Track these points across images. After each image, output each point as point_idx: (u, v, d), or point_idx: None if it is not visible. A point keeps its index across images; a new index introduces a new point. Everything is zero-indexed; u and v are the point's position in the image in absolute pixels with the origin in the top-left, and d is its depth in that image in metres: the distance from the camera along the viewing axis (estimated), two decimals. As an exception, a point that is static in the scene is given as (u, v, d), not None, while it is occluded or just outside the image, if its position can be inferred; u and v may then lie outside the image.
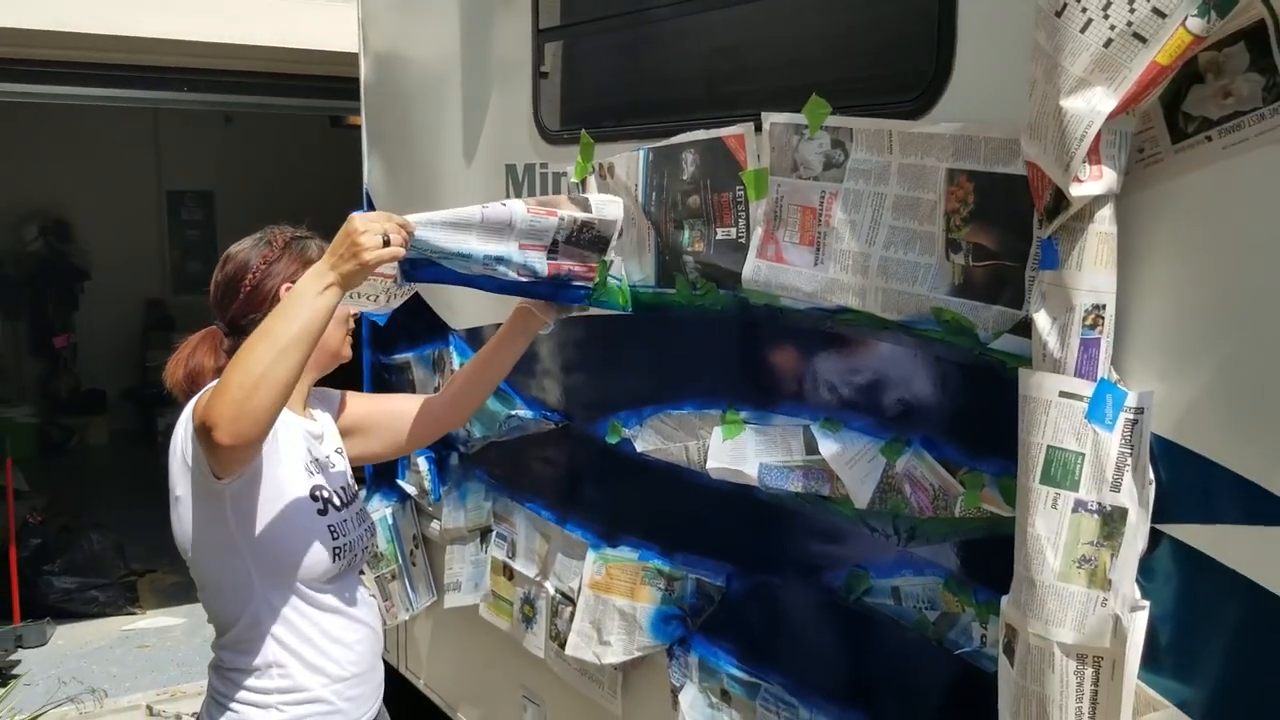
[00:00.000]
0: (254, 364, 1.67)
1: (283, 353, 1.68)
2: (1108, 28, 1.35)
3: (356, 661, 2.08)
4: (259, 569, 1.96)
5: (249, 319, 1.98)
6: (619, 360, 2.56)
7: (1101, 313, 1.45)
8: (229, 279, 2.06)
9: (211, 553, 1.97)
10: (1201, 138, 1.39)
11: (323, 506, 2.02)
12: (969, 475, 1.75)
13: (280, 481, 1.97)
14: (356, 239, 1.75)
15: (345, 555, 2.05)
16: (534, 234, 2.10)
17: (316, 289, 1.73)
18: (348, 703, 2.06)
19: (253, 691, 1.99)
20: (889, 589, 1.93)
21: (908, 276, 1.77)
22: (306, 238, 2.12)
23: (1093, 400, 1.45)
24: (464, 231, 2.01)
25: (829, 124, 1.88)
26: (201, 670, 5.24)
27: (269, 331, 1.71)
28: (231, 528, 1.93)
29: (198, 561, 2.00)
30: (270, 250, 2.07)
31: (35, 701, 4.27)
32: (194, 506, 1.94)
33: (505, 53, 2.87)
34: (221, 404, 1.66)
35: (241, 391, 1.66)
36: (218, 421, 1.66)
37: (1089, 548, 1.46)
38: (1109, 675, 1.47)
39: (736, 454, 2.15)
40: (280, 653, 1.99)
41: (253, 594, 1.97)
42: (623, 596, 2.50)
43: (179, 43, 4.89)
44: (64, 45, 4.88)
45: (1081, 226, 1.44)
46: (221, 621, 2.02)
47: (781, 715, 2.16)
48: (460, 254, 2.01)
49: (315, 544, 1.99)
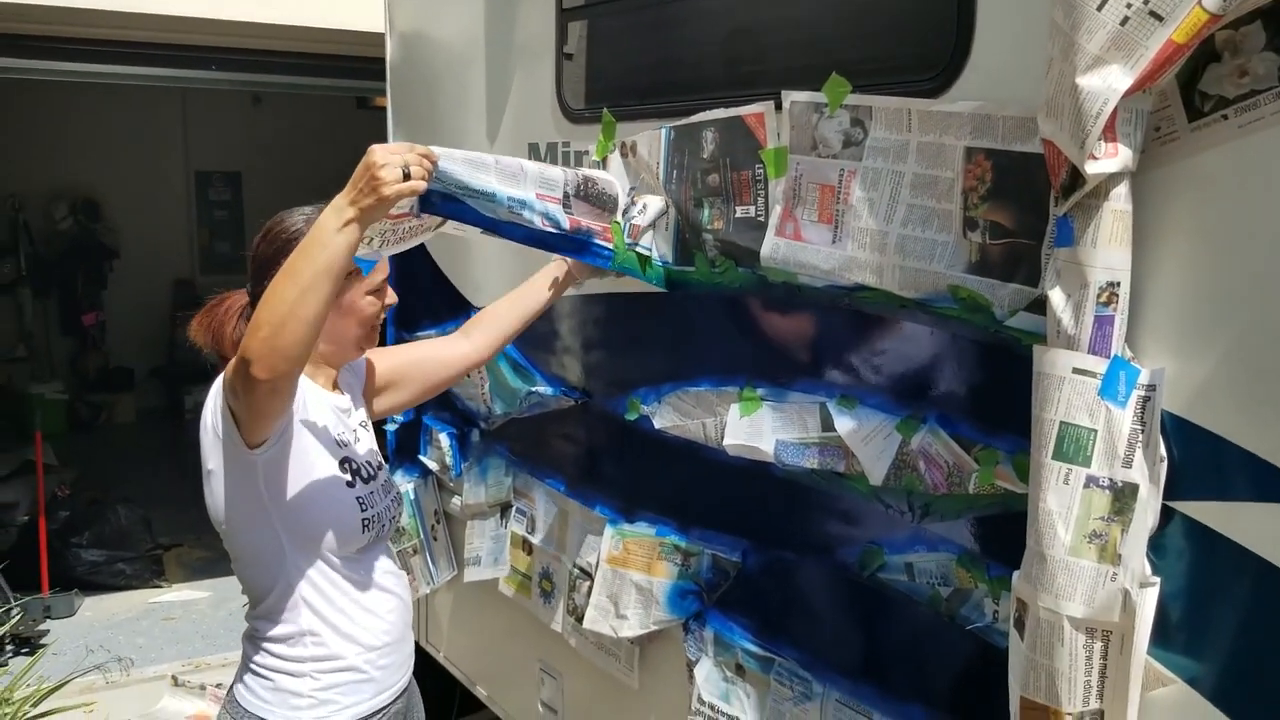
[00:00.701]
0: (279, 302, 1.70)
1: (306, 291, 1.70)
2: (1124, 5, 1.35)
3: (389, 631, 2.11)
4: (290, 539, 1.99)
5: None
6: (638, 337, 2.58)
7: (1116, 290, 1.45)
8: (275, 252, 2.00)
9: (244, 524, 2.00)
10: (1217, 116, 1.39)
11: (351, 479, 2.05)
12: (983, 452, 1.76)
13: (310, 454, 2.00)
14: (376, 172, 1.73)
15: (374, 526, 2.08)
16: (546, 183, 2.12)
17: (335, 225, 1.72)
18: (380, 671, 2.09)
19: (286, 660, 2.03)
20: (902, 565, 1.94)
21: (925, 254, 1.78)
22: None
23: (1106, 377, 1.46)
24: (484, 171, 2.01)
25: (848, 102, 1.89)
26: (225, 643, 5.36)
27: (292, 270, 1.73)
28: (264, 499, 1.96)
29: (231, 533, 2.03)
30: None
31: (63, 670, 4.34)
32: (226, 478, 1.97)
33: (529, 33, 2.88)
34: (255, 341, 1.70)
35: (270, 329, 1.70)
36: (252, 358, 1.70)
37: (1100, 523, 1.47)
38: (1118, 650, 1.48)
39: (753, 431, 2.17)
40: (313, 621, 2.02)
41: (284, 564, 2.00)
42: (640, 571, 2.53)
43: (207, 21, 4.93)
44: (93, 23, 4.93)
45: (1097, 204, 1.44)
46: (255, 592, 2.05)
47: (795, 690, 2.18)
48: (485, 193, 2.01)
49: (345, 515, 2.02)
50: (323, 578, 2.02)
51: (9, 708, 3.65)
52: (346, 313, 2.06)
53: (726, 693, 2.35)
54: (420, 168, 1.79)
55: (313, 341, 1.75)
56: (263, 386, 1.74)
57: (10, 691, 3.73)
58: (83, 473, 7.17)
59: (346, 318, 2.07)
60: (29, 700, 3.67)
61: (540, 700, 3.12)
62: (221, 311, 2.14)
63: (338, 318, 2.03)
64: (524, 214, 2.09)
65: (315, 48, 5.37)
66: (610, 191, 2.26)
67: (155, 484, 7.52)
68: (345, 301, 2.04)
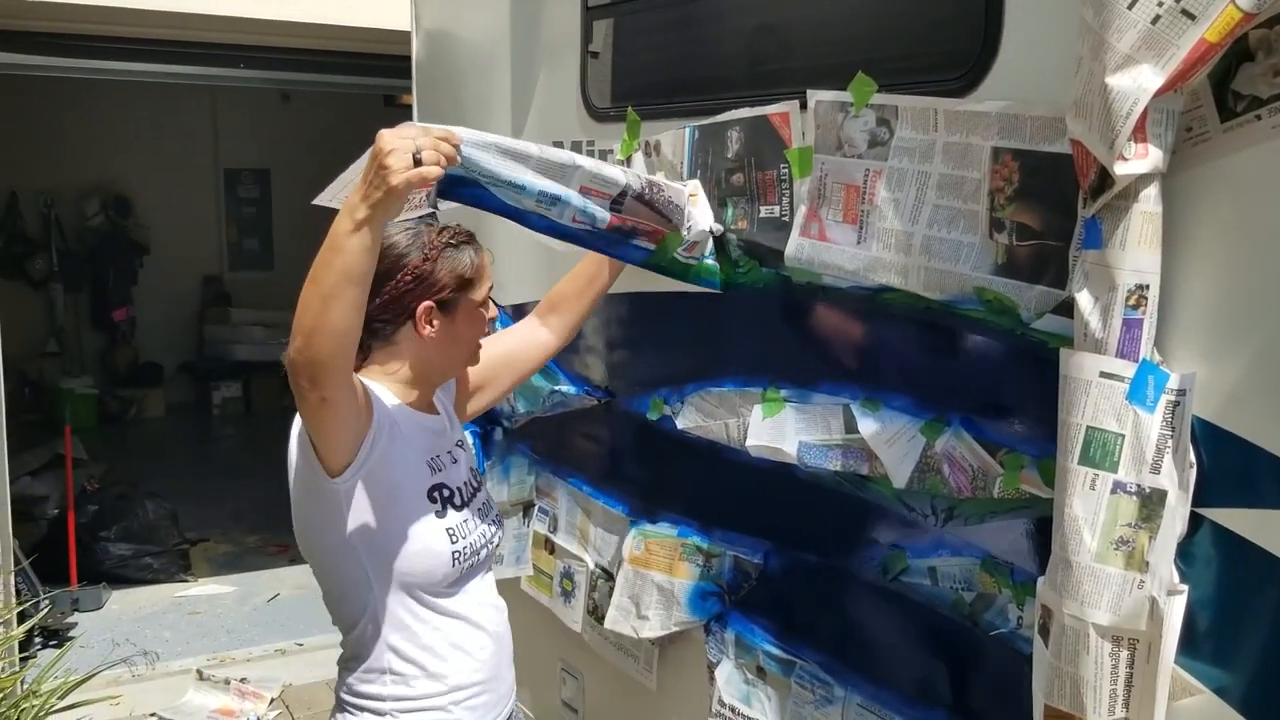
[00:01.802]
0: (305, 311, 1.63)
1: (329, 299, 1.61)
2: (1155, 4, 1.33)
3: (479, 669, 1.98)
4: (376, 574, 1.87)
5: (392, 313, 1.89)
6: (661, 337, 2.57)
7: (1145, 293, 1.43)
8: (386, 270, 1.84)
9: (329, 557, 1.90)
10: (1251, 116, 1.37)
11: (441, 507, 1.93)
12: (1008, 456, 1.74)
13: (396, 484, 1.88)
14: (383, 159, 1.58)
15: (465, 559, 1.94)
16: (600, 180, 2.04)
17: (348, 228, 1.60)
18: (468, 712, 1.97)
19: (368, 698, 1.93)
20: (926, 569, 1.93)
21: (951, 255, 1.76)
22: (465, 243, 1.95)
23: (1134, 381, 1.44)
24: (520, 162, 1.94)
25: (874, 102, 1.88)
26: (250, 637, 5.40)
27: (313, 277, 1.64)
28: (347, 531, 1.84)
29: (315, 564, 1.93)
30: (431, 250, 1.90)
31: (90, 663, 4.37)
32: (310, 508, 1.88)
33: (554, 31, 2.88)
34: (291, 350, 1.65)
35: (302, 338, 1.63)
36: (292, 368, 1.66)
37: (1127, 529, 1.44)
38: (1144, 658, 1.46)
39: (776, 432, 2.16)
40: (396, 660, 1.91)
41: (370, 598, 1.89)
42: (661, 572, 2.52)
43: (237, 20, 4.96)
44: (124, 21, 4.97)
45: (1126, 205, 1.42)
46: (341, 624, 1.96)
47: (817, 693, 2.17)
48: (512, 184, 1.94)
49: (432, 549, 1.89)
50: (409, 614, 1.90)
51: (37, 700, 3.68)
52: (460, 327, 1.95)
53: (747, 695, 2.34)
54: (435, 152, 1.63)
55: (351, 348, 1.68)
56: (311, 396, 1.68)
57: (38, 684, 3.76)
58: (112, 466, 7.24)
59: (459, 333, 1.95)
60: (56, 693, 3.69)
61: (561, 699, 3.12)
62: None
63: (449, 333, 1.93)
64: (552, 210, 2.02)
65: (343, 46, 5.40)
66: (678, 202, 2.17)
67: (183, 479, 7.59)
68: (458, 315, 1.93)
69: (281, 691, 4.73)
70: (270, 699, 4.66)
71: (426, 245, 1.90)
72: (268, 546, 6.45)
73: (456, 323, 1.94)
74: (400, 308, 1.90)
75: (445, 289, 1.91)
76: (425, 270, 1.89)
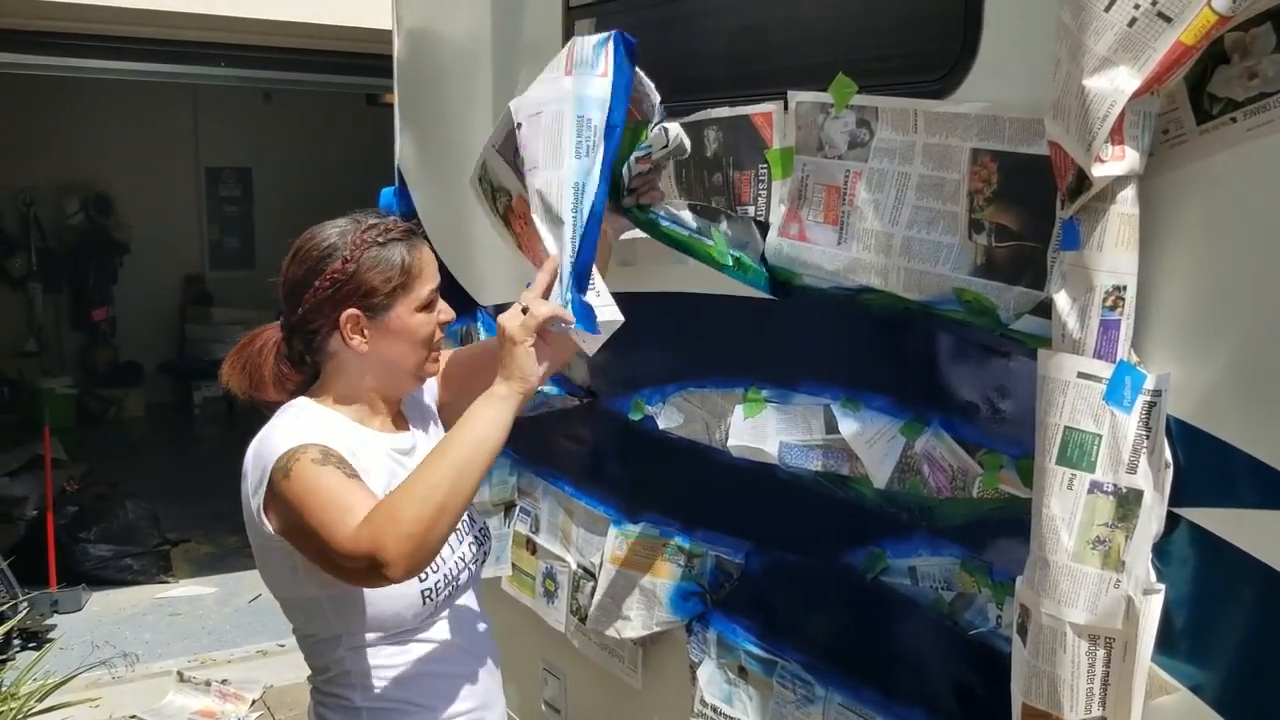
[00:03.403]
0: (433, 493, 1.55)
1: (463, 478, 1.57)
2: (1132, 6, 1.33)
3: (470, 695, 1.92)
4: (342, 625, 1.79)
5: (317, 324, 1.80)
6: (643, 337, 2.57)
7: (1122, 294, 1.44)
8: (307, 273, 1.79)
9: (291, 606, 1.84)
10: (1226, 119, 1.37)
11: None
12: (987, 456, 1.75)
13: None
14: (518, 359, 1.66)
15: (439, 593, 1.84)
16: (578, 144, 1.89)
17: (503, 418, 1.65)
18: None
19: None
20: (906, 569, 1.93)
21: (930, 256, 1.77)
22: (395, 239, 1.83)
23: (1111, 382, 1.45)
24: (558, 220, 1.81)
25: (854, 103, 1.88)
26: (232, 639, 5.38)
27: (449, 459, 1.59)
28: (302, 585, 1.77)
29: (283, 609, 1.87)
30: (353, 250, 1.78)
31: (69, 665, 4.36)
32: (267, 556, 1.81)
33: (536, 30, 2.88)
34: (398, 540, 1.52)
35: (421, 525, 1.53)
36: (393, 559, 1.52)
37: (1104, 529, 1.45)
38: (1121, 657, 1.46)
39: (757, 432, 2.16)
40: (375, 700, 1.82)
41: (339, 645, 1.81)
42: (643, 572, 2.52)
43: (218, 18, 4.95)
44: (105, 19, 4.96)
45: (1103, 207, 1.43)
46: (313, 664, 1.88)
47: (798, 692, 2.17)
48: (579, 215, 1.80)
49: (396, 593, 1.75)
50: (382, 659, 1.81)
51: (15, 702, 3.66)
52: (396, 336, 1.81)
53: (729, 695, 2.34)
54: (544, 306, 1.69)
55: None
56: (390, 583, 1.57)
57: (16, 687, 3.74)
58: (91, 467, 7.19)
59: (395, 341, 1.81)
60: (35, 695, 3.68)
61: (544, 700, 3.11)
62: (256, 350, 1.90)
63: (384, 343, 1.80)
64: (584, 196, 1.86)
65: (325, 45, 5.40)
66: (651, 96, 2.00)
67: (163, 479, 7.56)
68: (391, 323, 1.80)
69: (263, 693, 4.72)
70: (251, 700, 4.65)
71: (349, 245, 1.78)
72: (249, 547, 6.41)
73: (390, 331, 1.81)
74: (322, 318, 1.78)
75: (372, 294, 1.78)
76: (344, 274, 1.77)
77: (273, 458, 1.71)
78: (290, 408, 1.85)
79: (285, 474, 1.67)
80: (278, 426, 1.80)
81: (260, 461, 1.74)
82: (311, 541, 1.65)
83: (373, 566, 1.53)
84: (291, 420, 1.81)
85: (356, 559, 1.55)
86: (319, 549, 1.64)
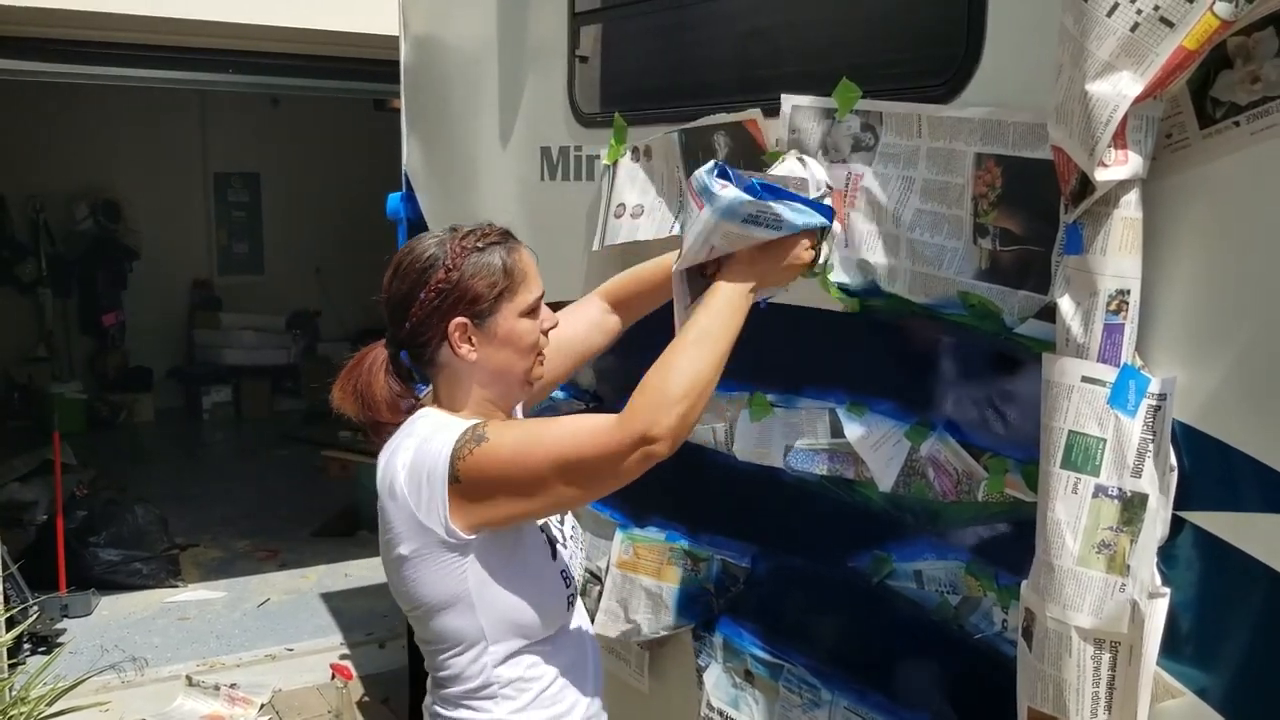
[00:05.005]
0: (701, 370, 1.62)
1: (722, 358, 1.66)
2: (1134, 12, 1.34)
3: (591, 703, 1.92)
4: (491, 630, 1.78)
5: (426, 336, 1.77)
6: (648, 342, 2.57)
7: (1126, 298, 1.44)
8: (411, 287, 1.77)
9: (443, 611, 1.78)
10: (1229, 123, 1.38)
11: (552, 549, 1.85)
12: (992, 460, 1.75)
13: (520, 529, 1.78)
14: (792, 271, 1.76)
15: (575, 599, 1.89)
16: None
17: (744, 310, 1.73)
18: None
19: None
20: (911, 572, 1.94)
21: (935, 260, 1.77)
22: (494, 243, 1.80)
23: (1115, 386, 1.45)
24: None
25: (859, 107, 1.88)
26: (240, 643, 5.38)
27: (712, 335, 1.67)
28: (469, 585, 1.74)
29: (424, 618, 1.81)
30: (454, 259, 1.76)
31: (79, 669, 4.37)
32: (430, 564, 1.74)
33: (542, 36, 2.88)
34: (667, 415, 1.58)
35: (688, 402, 1.60)
36: (662, 434, 1.58)
37: (1108, 533, 1.45)
38: (1126, 661, 1.47)
39: (763, 437, 2.17)
40: (513, 712, 1.81)
41: (485, 652, 1.79)
42: (649, 576, 2.53)
43: (226, 25, 4.96)
44: (113, 26, 4.97)
45: (1107, 211, 1.43)
46: (446, 677, 1.84)
47: (804, 696, 2.18)
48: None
49: (550, 597, 1.81)
50: (521, 668, 1.81)
51: (25, 706, 3.67)
52: (502, 343, 1.77)
53: (735, 699, 2.34)
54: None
55: None
56: (637, 470, 1.61)
57: (27, 690, 3.75)
58: (101, 471, 7.22)
59: (501, 349, 1.78)
60: (45, 699, 3.68)
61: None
62: (365, 370, 1.86)
63: (491, 350, 1.77)
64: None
65: (332, 51, 5.41)
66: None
67: (172, 484, 7.58)
68: (498, 329, 1.77)
69: (271, 697, 4.72)
70: (260, 704, 4.65)
71: (450, 254, 1.76)
72: (257, 551, 6.45)
73: (496, 338, 1.78)
74: (430, 329, 1.76)
75: (478, 300, 1.76)
76: (449, 283, 1.75)
77: (442, 457, 1.68)
78: (420, 417, 1.82)
79: (477, 447, 1.67)
80: (420, 434, 1.75)
81: (424, 469, 1.71)
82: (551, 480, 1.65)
83: (645, 446, 1.59)
84: (434, 423, 1.78)
85: (630, 445, 1.59)
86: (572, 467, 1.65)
